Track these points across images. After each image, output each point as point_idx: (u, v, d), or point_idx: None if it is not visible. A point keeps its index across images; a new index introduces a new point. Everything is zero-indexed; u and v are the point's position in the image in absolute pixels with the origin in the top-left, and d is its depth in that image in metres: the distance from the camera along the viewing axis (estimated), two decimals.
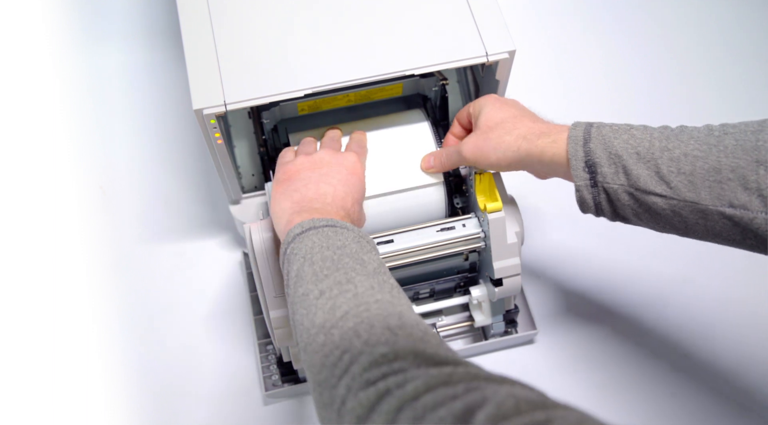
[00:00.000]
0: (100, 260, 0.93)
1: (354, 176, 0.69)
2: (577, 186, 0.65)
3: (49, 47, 1.08)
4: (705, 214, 0.59)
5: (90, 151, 1.00)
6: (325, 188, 0.66)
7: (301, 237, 0.60)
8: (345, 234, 0.60)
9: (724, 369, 0.85)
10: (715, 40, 1.10)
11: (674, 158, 0.60)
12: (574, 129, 0.65)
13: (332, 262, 0.57)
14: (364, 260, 0.58)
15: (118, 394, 0.84)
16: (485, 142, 0.68)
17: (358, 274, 0.56)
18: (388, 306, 0.53)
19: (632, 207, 0.63)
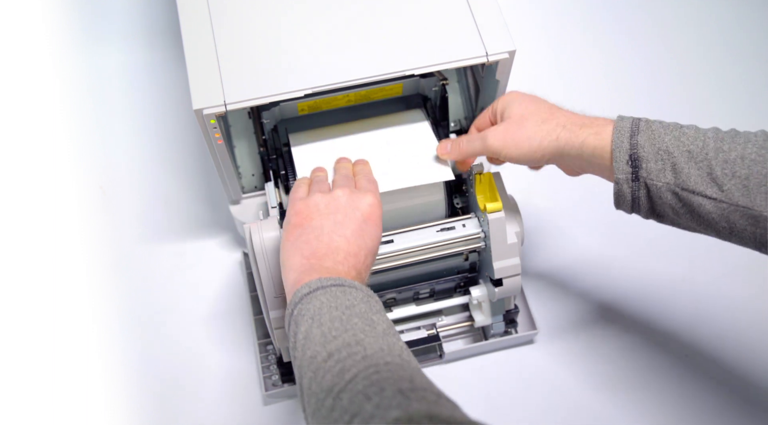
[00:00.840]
0: (100, 260, 0.93)
1: (370, 223, 0.63)
2: (617, 179, 0.62)
3: (49, 47, 1.08)
4: (757, 221, 0.57)
5: (90, 151, 1.00)
6: (338, 242, 0.61)
7: (308, 298, 0.57)
8: (353, 294, 0.57)
9: (725, 369, 0.85)
10: (715, 39, 1.10)
11: (729, 160, 0.57)
12: (621, 121, 0.62)
13: (341, 323, 0.54)
14: (373, 321, 0.56)
15: (118, 394, 0.84)
16: (518, 130, 0.65)
17: (367, 336, 0.54)
18: (399, 369, 0.50)
19: (673, 206, 0.61)
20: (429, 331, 0.83)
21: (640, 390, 0.84)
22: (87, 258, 0.93)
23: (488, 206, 0.73)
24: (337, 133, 0.79)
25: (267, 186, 0.79)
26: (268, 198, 0.78)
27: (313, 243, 0.61)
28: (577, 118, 0.65)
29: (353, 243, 0.61)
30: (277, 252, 0.71)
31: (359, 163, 0.72)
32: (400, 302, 0.84)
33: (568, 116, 0.65)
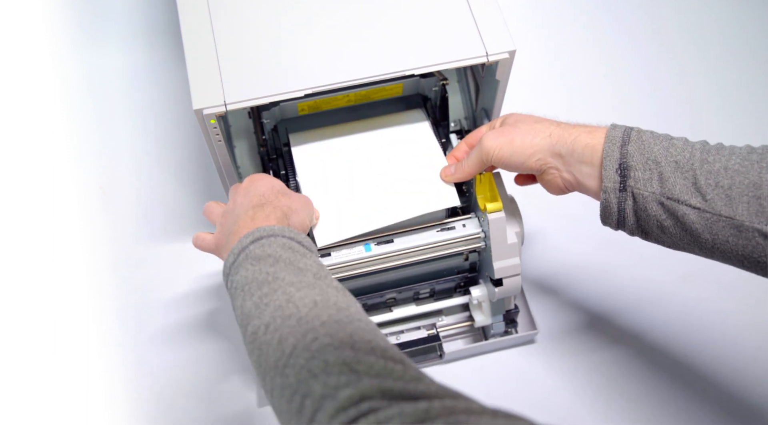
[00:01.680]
0: (100, 260, 0.93)
1: (255, 181, 0.67)
2: (605, 188, 0.63)
3: (49, 47, 1.08)
4: (739, 230, 0.57)
5: (90, 151, 1.00)
6: (239, 209, 0.65)
7: (235, 268, 0.58)
8: (274, 244, 0.57)
9: (723, 370, 0.85)
10: (716, 39, 1.10)
11: (713, 171, 0.58)
12: (613, 129, 0.63)
13: (268, 285, 0.54)
14: (300, 268, 0.55)
15: (117, 394, 0.84)
16: (512, 130, 0.66)
17: (298, 289, 0.53)
18: (337, 327, 0.49)
19: (659, 218, 0.61)
20: (429, 331, 0.83)
21: (640, 390, 0.84)
22: (87, 258, 0.93)
23: (488, 206, 0.73)
24: (337, 133, 0.79)
25: None
26: None
27: (226, 224, 0.66)
28: (571, 124, 0.66)
29: (246, 197, 0.65)
30: None
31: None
32: (400, 302, 0.84)
33: (563, 123, 0.67)
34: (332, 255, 0.75)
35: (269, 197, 0.65)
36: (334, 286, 0.54)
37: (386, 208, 0.75)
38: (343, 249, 0.75)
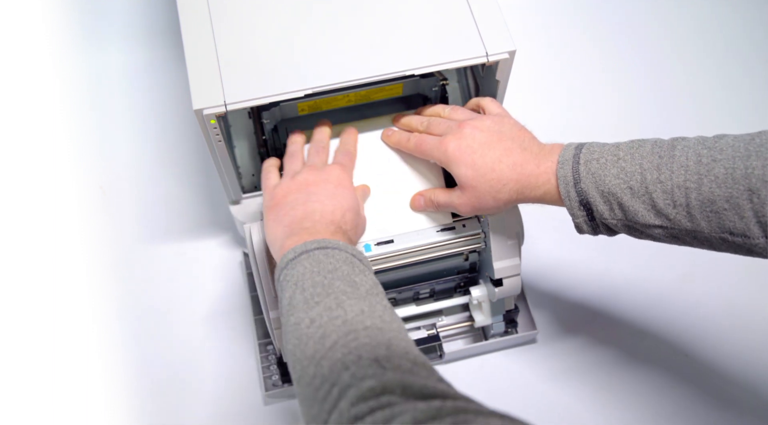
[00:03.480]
0: (100, 260, 0.93)
1: (340, 188, 0.67)
2: (576, 222, 0.65)
3: (49, 47, 1.08)
4: (708, 240, 0.59)
5: (90, 151, 1.00)
6: (313, 206, 0.65)
7: (293, 264, 0.59)
8: (337, 256, 0.59)
9: (724, 369, 0.85)
10: (717, 39, 1.10)
11: (667, 191, 0.59)
12: (562, 167, 0.64)
13: (323, 288, 0.56)
14: (356, 282, 0.57)
15: (118, 394, 0.84)
16: (478, 203, 0.68)
17: (349, 298, 0.55)
18: (378, 333, 0.52)
19: (633, 235, 0.64)
20: (429, 331, 0.83)
21: (641, 389, 0.84)
22: (87, 258, 0.93)
23: None
24: (337, 133, 0.79)
25: None
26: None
27: (290, 212, 0.65)
28: (524, 169, 0.65)
29: (328, 204, 0.65)
30: None
31: (345, 133, 0.77)
32: (400, 302, 0.84)
33: (516, 171, 0.66)
34: None
35: (348, 220, 0.66)
36: (383, 304, 0.57)
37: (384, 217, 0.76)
38: None
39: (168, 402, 0.84)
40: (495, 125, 0.68)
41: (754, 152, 0.56)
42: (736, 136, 0.58)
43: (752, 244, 0.57)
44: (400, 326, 0.55)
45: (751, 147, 0.56)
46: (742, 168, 0.55)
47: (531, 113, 0.75)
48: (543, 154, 0.66)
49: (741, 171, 0.55)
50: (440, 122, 0.72)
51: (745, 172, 0.55)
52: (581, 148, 0.64)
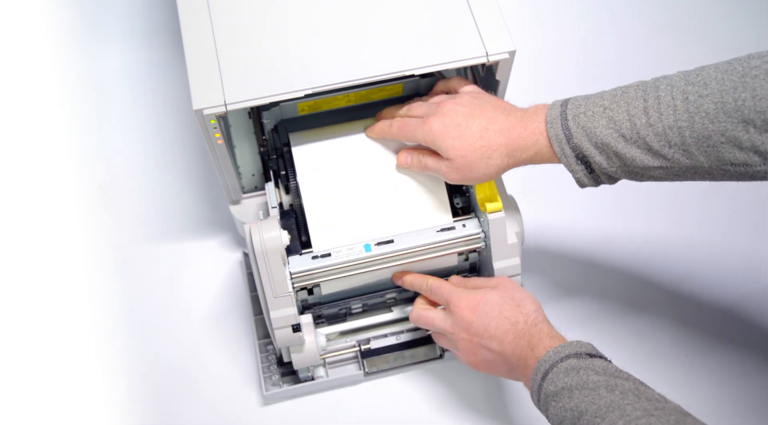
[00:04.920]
0: (100, 260, 0.93)
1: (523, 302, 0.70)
2: (577, 177, 0.66)
3: (49, 47, 1.08)
4: (709, 173, 0.60)
5: (90, 151, 1.00)
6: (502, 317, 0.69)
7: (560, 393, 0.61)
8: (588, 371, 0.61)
9: (725, 369, 0.85)
10: (717, 38, 1.10)
11: (659, 133, 0.60)
12: (552, 126, 0.64)
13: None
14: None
15: (117, 394, 0.84)
16: (470, 172, 0.68)
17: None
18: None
19: (634, 179, 0.64)
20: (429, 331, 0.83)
21: None
22: (86, 258, 0.93)
23: (488, 206, 0.73)
24: (337, 133, 0.79)
25: (267, 186, 0.79)
26: (268, 198, 0.78)
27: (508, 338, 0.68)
28: (512, 132, 0.66)
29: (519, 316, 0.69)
30: (277, 252, 0.71)
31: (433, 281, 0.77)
32: (400, 302, 0.84)
33: (504, 135, 0.66)
34: (332, 255, 0.75)
35: (530, 317, 0.69)
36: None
37: (383, 216, 0.76)
38: (343, 249, 0.75)
39: (168, 401, 0.84)
40: (474, 99, 0.70)
41: (740, 84, 0.57)
42: (717, 66, 0.59)
43: (754, 171, 0.58)
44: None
45: (735, 77, 0.57)
46: (732, 101, 0.56)
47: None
48: (528, 116, 0.67)
49: (731, 104, 0.56)
50: (419, 104, 0.73)
51: (735, 105, 0.56)
52: (566, 105, 0.65)
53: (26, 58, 1.07)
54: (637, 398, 0.58)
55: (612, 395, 0.58)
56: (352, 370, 0.83)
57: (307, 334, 0.76)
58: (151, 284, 0.91)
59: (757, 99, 0.55)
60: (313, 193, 0.76)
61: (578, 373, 0.61)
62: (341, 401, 0.83)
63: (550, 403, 0.61)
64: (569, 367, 0.62)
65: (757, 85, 0.56)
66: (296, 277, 0.74)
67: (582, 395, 0.59)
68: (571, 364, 0.62)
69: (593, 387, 0.59)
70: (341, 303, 0.81)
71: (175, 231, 0.95)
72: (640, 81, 0.63)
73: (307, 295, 0.78)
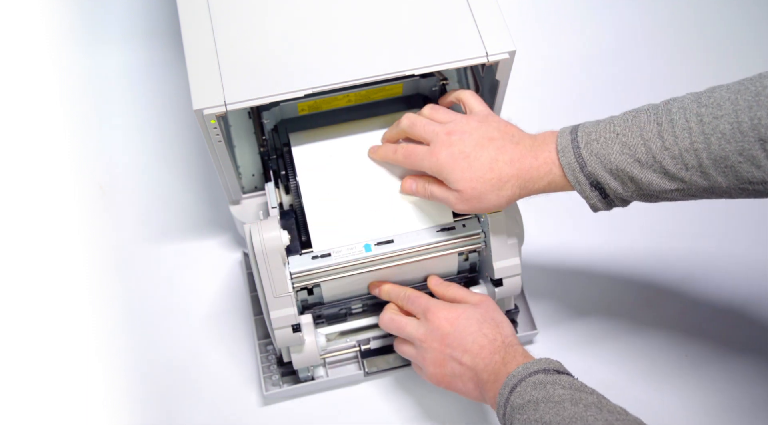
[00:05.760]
0: (100, 260, 0.93)
1: (489, 314, 0.72)
2: (591, 204, 0.66)
3: (49, 47, 1.08)
4: (727, 192, 0.60)
5: (90, 151, 1.00)
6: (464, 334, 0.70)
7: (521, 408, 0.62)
8: (555, 385, 0.62)
9: (725, 369, 0.85)
10: (717, 38, 1.10)
11: (676, 156, 0.60)
12: (564, 155, 0.64)
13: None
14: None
15: (117, 394, 0.84)
16: (479, 203, 0.67)
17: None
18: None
19: (648, 200, 0.64)
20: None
21: (641, 390, 0.84)
22: (86, 258, 0.93)
23: None
24: (337, 133, 0.79)
25: (267, 186, 0.79)
26: (268, 198, 0.78)
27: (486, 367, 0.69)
28: (523, 162, 0.66)
29: (487, 331, 0.71)
30: (277, 252, 0.71)
31: (409, 293, 0.77)
32: None
33: (515, 166, 0.66)
34: (332, 255, 0.75)
35: (508, 338, 0.70)
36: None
37: (383, 216, 0.76)
38: (343, 249, 0.75)
39: (167, 401, 0.84)
40: (482, 125, 0.68)
41: (754, 103, 0.57)
42: (728, 87, 0.59)
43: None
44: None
45: (749, 97, 0.57)
46: (747, 120, 0.56)
47: (531, 113, 0.76)
48: (537, 145, 0.66)
49: (747, 123, 0.56)
50: (424, 124, 0.70)
51: (751, 124, 0.56)
52: (576, 132, 0.64)
53: (26, 58, 1.07)
54: (599, 410, 0.59)
55: (576, 408, 0.59)
56: (352, 370, 0.83)
57: (307, 334, 0.76)
58: (151, 284, 0.91)
59: None
60: (313, 193, 0.76)
61: (545, 387, 0.62)
62: (341, 401, 0.83)
63: (516, 416, 0.62)
64: (537, 382, 0.63)
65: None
66: (296, 277, 0.74)
67: (547, 408, 0.60)
68: (538, 379, 0.63)
69: (558, 400, 0.60)
70: (341, 303, 0.81)
71: (175, 231, 0.95)
72: (650, 104, 0.63)
73: (307, 295, 0.78)
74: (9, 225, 0.94)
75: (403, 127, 0.72)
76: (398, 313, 0.76)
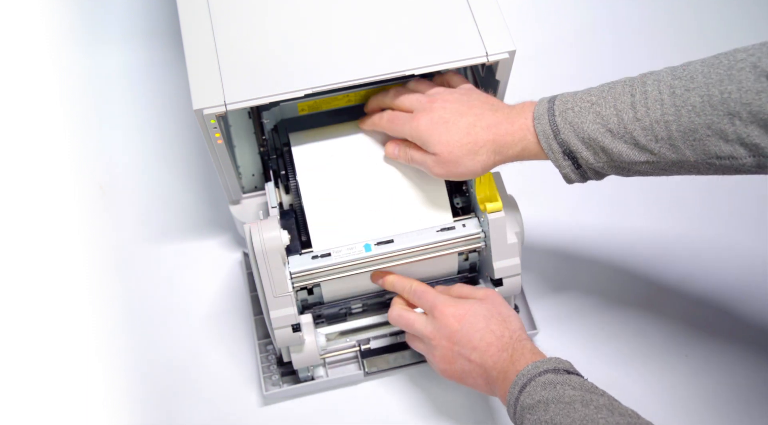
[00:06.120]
0: (100, 260, 0.93)
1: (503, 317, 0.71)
2: (564, 173, 0.66)
3: (49, 47, 1.08)
4: (695, 167, 0.61)
5: (90, 151, 1.00)
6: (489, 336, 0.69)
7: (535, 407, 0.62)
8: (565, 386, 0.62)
9: (725, 369, 0.85)
10: (718, 38, 1.10)
11: (647, 127, 0.60)
12: (539, 122, 0.65)
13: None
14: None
15: (117, 394, 0.84)
16: (455, 168, 0.68)
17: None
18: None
19: (621, 174, 0.65)
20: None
21: (641, 389, 0.84)
22: (86, 258, 0.93)
23: (488, 206, 0.73)
24: (337, 133, 0.79)
25: (267, 186, 0.79)
26: (268, 198, 0.78)
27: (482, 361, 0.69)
28: (499, 128, 0.67)
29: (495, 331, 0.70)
30: (277, 252, 0.71)
31: (416, 285, 0.76)
32: None
33: (492, 131, 0.67)
34: (332, 255, 0.75)
35: (516, 333, 0.70)
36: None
37: (383, 216, 0.76)
38: (343, 249, 0.75)
39: (167, 401, 0.84)
40: (463, 96, 0.70)
41: (726, 76, 0.57)
42: (703, 60, 0.60)
43: (740, 164, 0.58)
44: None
45: (721, 70, 0.58)
46: (718, 94, 0.57)
47: None
48: (515, 113, 0.67)
49: (717, 97, 0.57)
50: (408, 96, 0.73)
51: (721, 98, 0.57)
52: (554, 101, 0.66)
53: (26, 58, 1.07)
54: (610, 413, 0.59)
55: (587, 409, 0.59)
56: (352, 370, 0.83)
57: (307, 334, 0.76)
58: (151, 284, 0.91)
59: (743, 91, 0.56)
60: (313, 193, 0.76)
61: (555, 387, 0.62)
62: (341, 401, 0.83)
63: (526, 416, 0.62)
64: (547, 381, 0.63)
65: (743, 77, 0.56)
66: (296, 277, 0.74)
67: (557, 408, 0.60)
68: (548, 379, 0.63)
69: (569, 401, 0.60)
70: (341, 303, 0.81)
71: (175, 231, 0.95)
72: (628, 77, 0.64)
73: (307, 295, 0.78)
74: (9, 225, 0.94)
75: (388, 100, 0.74)
76: (407, 309, 0.76)
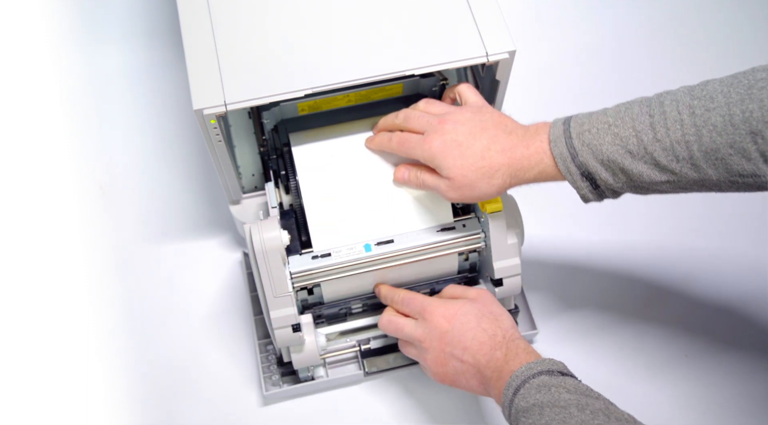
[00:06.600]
0: (100, 260, 0.93)
1: (495, 315, 0.71)
2: (581, 194, 0.65)
3: (49, 47, 1.08)
4: (717, 185, 0.60)
5: (90, 151, 1.00)
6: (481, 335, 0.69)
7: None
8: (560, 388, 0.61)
9: (725, 369, 0.85)
10: (718, 38, 1.10)
11: (667, 147, 0.60)
12: (556, 145, 0.64)
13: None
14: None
15: (117, 394, 0.84)
16: (470, 192, 0.67)
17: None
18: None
19: (639, 193, 0.64)
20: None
21: (641, 390, 0.84)
22: (86, 258, 0.93)
23: (488, 206, 0.73)
24: (337, 133, 0.79)
25: (267, 186, 0.79)
26: (268, 198, 0.78)
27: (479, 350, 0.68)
28: (515, 152, 0.66)
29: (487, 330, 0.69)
30: (277, 252, 0.71)
31: (402, 294, 0.76)
32: None
33: (507, 154, 0.66)
34: (332, 255, 0.75)
35: (508, 332, 0.69)
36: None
37: (383, 216, 0.76)
38: (343, 249, 0.75)
39: (167, 401, 0.84)
40: (475, 116, 0.69)
41: (746, 96, 0.57)
42: (721, 80, 0.59)
43: (762, 182, 0.58)
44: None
45: (741, 90, 0.57)
46: (739, 113, 0.57)
47: (531, 113, 0.75)
48: (529, 135, 0.66)
49: (739, 116, 0.57)
50: (418, 116, 0.71)
51: (743, 117, 0.56)
52: (569, 123, 0.64)
53: (26, 58, 1.07)
54: (606, 417, 0.59)
55: (582, 414, 0.58)
56: (352, 370, 0.83)
57: (307, 334, 0.76)
58: (151, 284, 0.91)
59: (765, 110, 0.56)
60: (313, 193, 0.76)
61: (550, 390, 0.61)
62: (341, 401, 0.83)
63: (521, 419, 0.61)
64: (541, 384, 0.62)
65: (764, 96, 0.56)
66: (296, 277, 0.74)
67: (553, 413, 0.59)
68: (543, 381, 0.62)
69: (564, 405, 0.59)
70: (341, 303, 0.81)
71: (175, 231, 0.95)
72: (643, 97, 0.63)
73: (307, 295, 0.78)
74: (9, 225, 0.94)
75: (398, 121, 0.73)
76: (396, 315, 0.75)
